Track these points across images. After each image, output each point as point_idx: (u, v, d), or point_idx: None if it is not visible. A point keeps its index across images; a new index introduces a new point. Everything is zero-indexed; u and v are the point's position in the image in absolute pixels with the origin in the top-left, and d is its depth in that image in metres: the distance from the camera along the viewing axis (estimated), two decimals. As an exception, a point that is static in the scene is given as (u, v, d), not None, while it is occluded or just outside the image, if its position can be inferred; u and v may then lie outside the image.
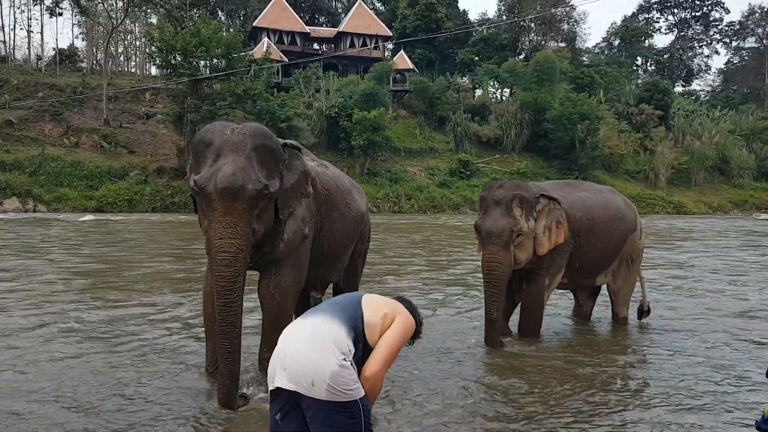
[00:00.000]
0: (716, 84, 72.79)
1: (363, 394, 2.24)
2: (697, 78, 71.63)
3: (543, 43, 58.25)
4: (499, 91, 50.10)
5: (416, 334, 2.60)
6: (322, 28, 54.25)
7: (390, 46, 53.13)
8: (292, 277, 4.27)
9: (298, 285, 4.39)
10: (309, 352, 2.20)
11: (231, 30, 38.18)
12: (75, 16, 48.81)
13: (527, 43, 58.18)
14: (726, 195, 45.85)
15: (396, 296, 2.69)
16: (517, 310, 6.03)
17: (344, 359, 2.21)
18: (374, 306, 2.41)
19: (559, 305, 7.49)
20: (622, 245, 6.22)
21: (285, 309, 4.27)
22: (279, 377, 2.24)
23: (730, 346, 5.76)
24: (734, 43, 71.23)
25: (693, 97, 59.65)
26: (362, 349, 2.33)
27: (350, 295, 2.55)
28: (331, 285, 5.51)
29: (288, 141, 4.21)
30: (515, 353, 5.38)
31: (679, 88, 63.98)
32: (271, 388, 2.30)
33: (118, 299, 7.40)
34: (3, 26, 44.92)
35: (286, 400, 2.25)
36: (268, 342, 4.30)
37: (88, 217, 24.10)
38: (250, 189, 3.59)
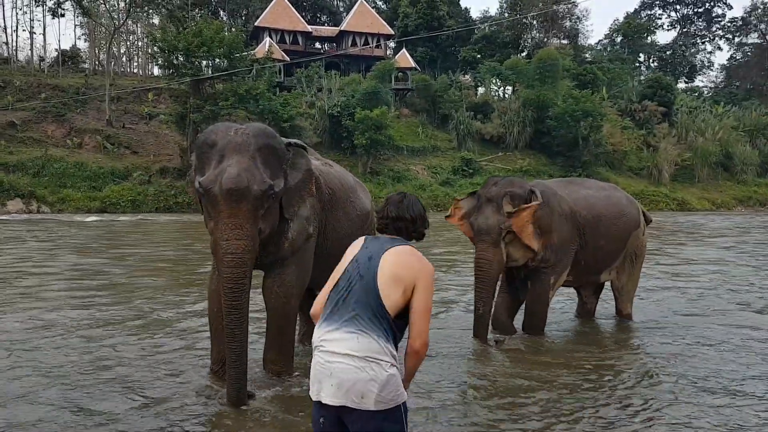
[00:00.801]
0: (719, 80, 72.62)
1: (406, 398, 2.32)
2: (699, 74, 71.50)
3: (545, 40, 58.20)
4: (502, 88, 50.06)
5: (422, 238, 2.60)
6: (324, 27, 54.27)
7: (392, 44, 53.13)
8: (296, 276, 4.28)
9: (303, 284, 4.39)
10: (357, 371, 2.26)
11: (233, 30, 38.24)
12: (77, 17, 48.91)
13: (529, 40, 58.13)
14: (730, 191, 45.76)
15: (399, 219, 2.53)
16: (522, 308, 6.03)
17: (389, 366, 2.28)
18: (391, 288, 2.36)
19: (564, 303, 7.49)
20: (625, 242, 6.22)
21: (290, 308, 4.28)
22: (325, 393, 2.29)
23: (739, 339, 5.76)
24: (737, 39, 71.02)
25: (696, 94, 59.49)
26: (393, 329, 2.36)
27: (368, 284, 2.37)
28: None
29: (292, 140, 4.22)
30: (519, 350, 5.37)
31: (681, 85, 63.82)
32: (315, 399, 2.35)
33: (122, 299, 7.41)
34: (5, 28, 45.13)
35: (330, 410, 2.31)
36: (272, 341, 4.32)
37: (93, 217, 24.17)
38: (256, 189, 3.60)
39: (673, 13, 72.59)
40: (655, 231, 7.14)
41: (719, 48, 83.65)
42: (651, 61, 66.83)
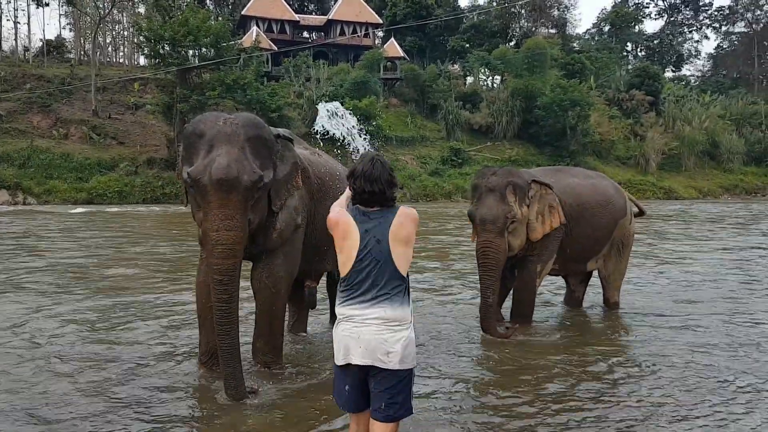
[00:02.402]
0: (706, 69, 73.05)
1: (416, 363, 2.68)
2: (687, 63, 71.94)
3: (533, 29, 58.25)
4: (490, 78, 50.03)
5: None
6: (312, 16, 53.95)
7: (380, 33, 52.96)
8: (285, 266, 4.27)
9: (291, 274, 4.39)
10: (383, 334, 2.59)
11: (219, 19, 37.89)
12: (62, 6, 48.40)
13: (518, 29, 58.13)
14: (716, 180, 46.14)
15: (375, 193, 2.68)
16: (509, 296, 6.07)
17: (408, 329, 2.64)
18: (402, 258, 2.65)
19: (551, 291, 7.54)
20: (612, 231, 6.26)
21: (278, 298, 4.28)
22: (354, 354, 2.61)
23: (726, 328, 5.83)
24: (724, 28, 71.50)
25: (683, 83, 59.76)
26: (407, 285, 2.69)
27: (386, 265, 2.63)
28: (325, 274, 5.50)
29: (280, 131, 4.21)
30: (507, 340, 5.41)
31: (669, 74, 64.16)
32: (341, 363, 2.66)
33: (111, 291, 7.39)
34: (-11, 17, 44.43)
35: (356, 374, 2.64)
36: (261, 332, 4.32)
37: (79, 209, 24.00)
38: (246, 180, 3.58)
39: (660, 2, 72.86)
40: (644, 219, 7.21)
41: (706, 37, 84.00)
42: (638, 50, 67.09)
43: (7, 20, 46.73)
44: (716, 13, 71.38)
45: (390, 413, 2.60)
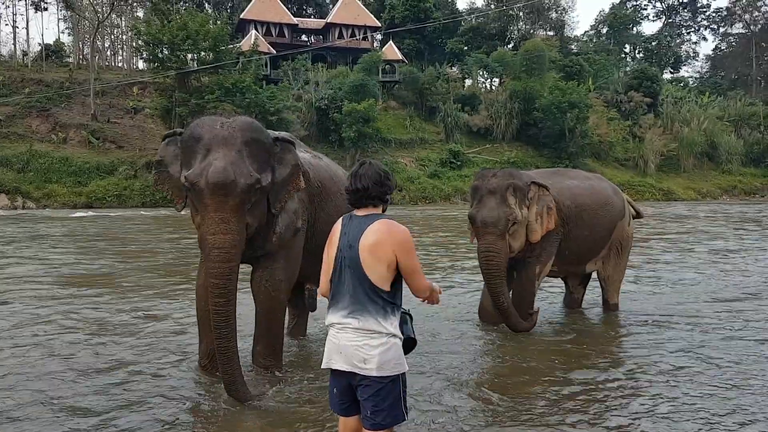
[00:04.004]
0: (704, 70, 73.05)
1: (406, 368, 2.60)
2: (685, 65, 71.94)
3: (531, 31, 58.26)
4: (489, 80, 50.12)
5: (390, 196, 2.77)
6: (310, 19, 54.04)
7: (378, 36, 52.99)
8: (285, 270, 4.27)
9: (291, 278, 4.39)
10: (359, 341, 2.54)
11: (218, 22, 37.95)
12: (60, 10, 48.42)
13: (516, 32, 58.14)
14: (715, 181, 46.20)
15: (359, 191, 2.64)
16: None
17: (389, 337, 2.55)
18: (375, 267, 2.55)
19: (551, 293, 7.54)
20: (610, 232, 6.27)
21: (278, 302, 4.28)
22: (335, 360, 2.59)
23: (723, 327, 5.84)
24: (722, 29, 71.52)
25: (681, 84, 59.80)
26: (390, 301, 2.59)
27: (357, 272, 2.56)
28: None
29: (280, 134, 4.20)
30: (506, 342, 5.41)
31: (667, 75, 64.13)
32: (324, 366, 2.66)
33: (112, 296, 7.39)
34: (-13, 22, 44.46)
35: (342, 379, 2.61)
36: (261, 335, 4.32)
37: (79, 213, 24.00)
38: (242, 183, 3.57)
39: (658, 4, 72.85)
40: (644, 220, 7.25)
41: (704, 38, 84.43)
42: (636, 51, 67.09)
43: (6, 25, 47.15)
44: (714, 14, 71.50)
45: (377, 420, 2.54)
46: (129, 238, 14.72)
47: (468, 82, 49.04)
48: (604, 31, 65.27)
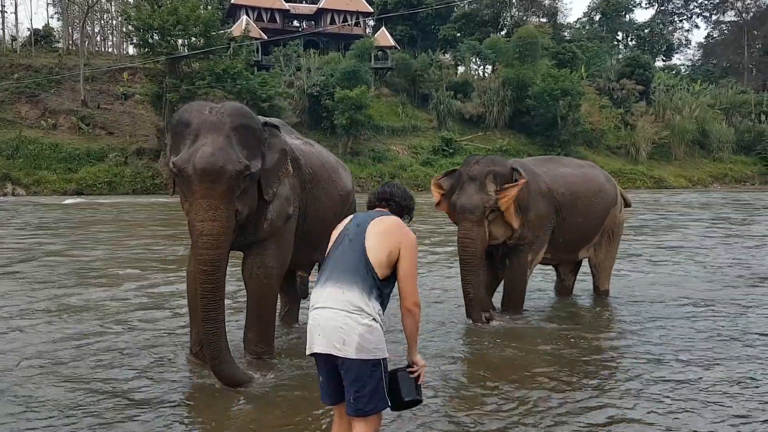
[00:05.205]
0: (696, 58, 73.18)
1: (386, 355, 2.55)
2: (677, 52, 72.02)
3: (524, 18, 58.12)
4: (482, 67, 49.98)
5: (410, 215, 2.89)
6: (302, 4, 53.52)
7: (371, 22, 52.67)
8: (276, 257, 4.25)
9: (283, 265, 4.37)
10: (339, 319, 2.49)
11: (209, 7, 37.65)
12: (49, -6, 47.77)
13: (509, 18, 57.98)
14: (706, 169, 46.41)
15: (385, 192, 2.81)
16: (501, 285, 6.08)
17: (371, 320, 2.51)
18: (378, 248, 2.57)
19: (542, 280, 7.56)
20: (603, 219, 6.28)
21: (270, 289, 4.26)
22: (316, 343, 2.54)
23: (714, 312, 5.87)
24: (714, 17, 71.56)
25: (673, 72, 59.92)
26: (379, 287, 2.57)
27: (356, 245, 2.60)
28: (317, 264, 5.48)
29: (268, 119, 4.17)
30: (498, 328, 5.42)
31: (659, 63, 64.23)
32: (308, 353, 2.61)
33: (104, 282, 7.35)
34: (-26, 6, 43.89)
35: (325, 364, 2.57)
36: (252, 322, 4.31)
37: (69, 200, 23.85)
38: (230, 170, 3.53)
39: (651, -9, 72.69)
40: (634, 208, 7.29)
41: (696, 26, 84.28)
42: (629, 39, 67.04)
43: (-6, 9, 46.18)
44: (706, 2, 71.38)
45: (359, 407, 2.49)
46: (122, 224, 14.65)
47: (461, 69, 48.88)
48: (597, 18, 65.12)
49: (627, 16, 65.82)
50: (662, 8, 72.16)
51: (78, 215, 17.68)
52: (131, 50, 46.05)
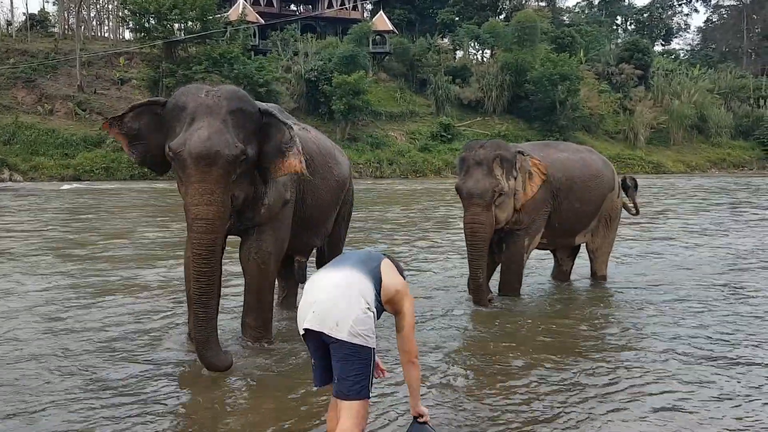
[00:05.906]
0: (695, 43, 72.95)
1: (375, 346, 2.55)
2: (676, 37, 71.78)
3: (523, 2, 57.67)
4: (480, 52, 49.70)
5: None
6: (299, -12, 53.17)
7: (369, 6, 52.32)
8: (273, 242, 4.26)
9: (280, 250, 4.37)
10: (338, 297, 2.52)
11: (205, -9, 37.28)
12: (44, -22, 47.34)
13: (507, 2, 57.52)
14: (704, 154, 46.36)
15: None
16: (497, 270, 6.09)
17: (368, 308, 2.53)
18: (390, 275, 2.69)
19: (539, 265, 7.58)
20: (600, 204, 6.28)
21: (267, 274, 4.27)
22: (308, 320, 2.53)
23: (711, 298, 5.90)
24: (713, 1, 71.22)
25: (672, 56, 59.66)
26: (378, 299, 2.63)
27: (371, 254, 2.75)
28: (315, 249, 5.48)
29: (263, 104, 4.14)
30: (495, 313, 5.44)
31: (658, 47, 63.97)
32: (301, 331, 2.60)
33: (100, 266, 7.35)
34: (-31, -10, 43.50)
35: (316, 342, 2.56)
36: (250, 307, 4.32)
37: (66, 186, 23.78)
38: (226, 154, 3.50)
39: (650, -25, 72.24)
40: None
41: (696, 10, 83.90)
42: (628, 23, 66.76)
43: (-11, -6, 45.80)
44: (706, -14, 71.06)
45: (341, 389, 2.48)
46: (119, 209, 14.62)
47: (459, 53, 48.59)
48: (596, 2, 64.84)
49: (626, 0, 65.46)
50: (661, -8, 71.78)
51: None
52: (128, 35, 45.78)
